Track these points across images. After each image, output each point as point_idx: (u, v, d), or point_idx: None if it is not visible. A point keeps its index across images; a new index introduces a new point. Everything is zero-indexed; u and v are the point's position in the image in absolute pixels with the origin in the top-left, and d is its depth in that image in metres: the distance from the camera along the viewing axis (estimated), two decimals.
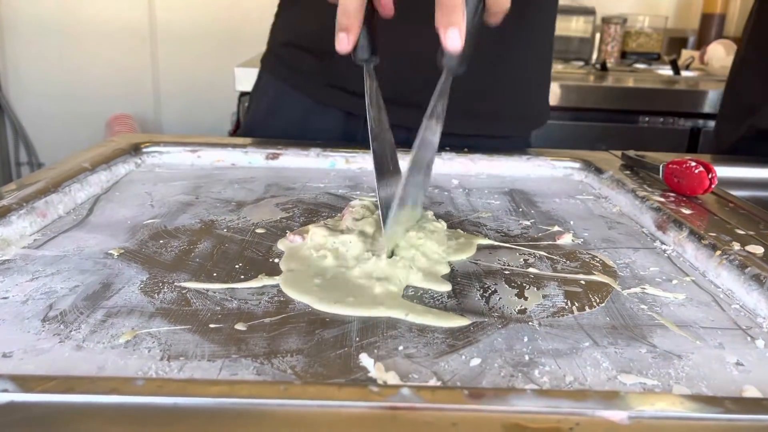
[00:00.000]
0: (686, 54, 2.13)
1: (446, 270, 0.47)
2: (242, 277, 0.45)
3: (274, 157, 0.76)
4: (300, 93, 0.87)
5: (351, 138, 0.86)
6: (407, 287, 0.44)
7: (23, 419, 0.26)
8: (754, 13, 0.99)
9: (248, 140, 0.77)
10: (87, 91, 2.49)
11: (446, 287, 0.44)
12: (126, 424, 0.27)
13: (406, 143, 0.54)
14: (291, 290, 0.43)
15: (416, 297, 0.43)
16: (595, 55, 2.15)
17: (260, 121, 0.91)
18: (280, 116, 0.88)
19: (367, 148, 0.54)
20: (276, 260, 0.48)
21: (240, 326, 0.38)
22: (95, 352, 0.34)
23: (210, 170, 0.73)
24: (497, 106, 0.86)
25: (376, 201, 0.50)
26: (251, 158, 0.76)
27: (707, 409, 0.28)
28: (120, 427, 0.26)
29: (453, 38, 0.46)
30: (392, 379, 0.33)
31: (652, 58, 2.16)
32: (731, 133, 0.98)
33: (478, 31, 0.50)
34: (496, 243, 0.53)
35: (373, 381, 0.33)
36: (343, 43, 0.48)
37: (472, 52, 0.49)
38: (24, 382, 0.28)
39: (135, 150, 0.74)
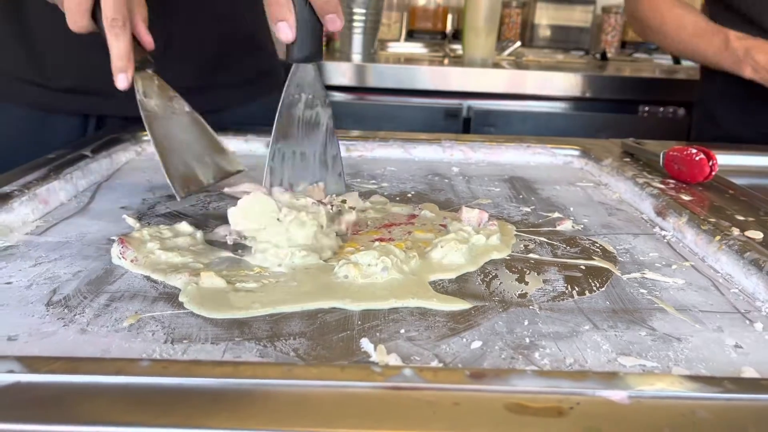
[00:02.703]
0: None
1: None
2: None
3: None
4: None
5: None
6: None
7: (29, 399, 0.27)
8: None
9: (249, 129, 0.77)
10: None
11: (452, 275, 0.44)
12: (131, 404, 0.27)
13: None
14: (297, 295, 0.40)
15: None
16: (595, 45, 2.15)
17: None
18: None
19: None
20: None
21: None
22: (99, 336, 0.35)
23: None
24: None
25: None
26: (252, 147, 0.76)
27: (706, 389, 0.29)
28: (125, 407, 0.27)
29: (284, 30, 0.51)
30: (394, 361, 0.33)
31: (653, 47, 2.15)
32: None
33: (311, 23, 0.52)
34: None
35: (376, 363, 0.33)
36: (123, 83, 0.52)
37: (315, 42, 0.53)
38: (30, 363, 0.28)
39: (135, 138, 0.74)
